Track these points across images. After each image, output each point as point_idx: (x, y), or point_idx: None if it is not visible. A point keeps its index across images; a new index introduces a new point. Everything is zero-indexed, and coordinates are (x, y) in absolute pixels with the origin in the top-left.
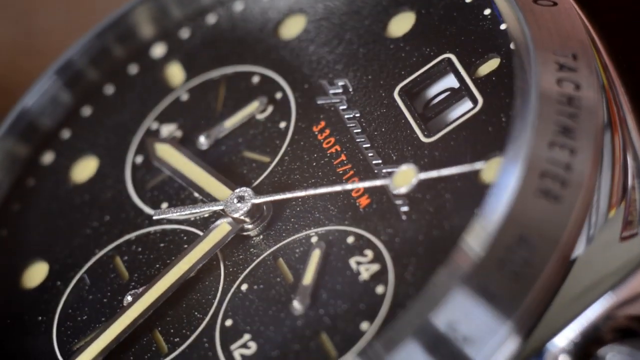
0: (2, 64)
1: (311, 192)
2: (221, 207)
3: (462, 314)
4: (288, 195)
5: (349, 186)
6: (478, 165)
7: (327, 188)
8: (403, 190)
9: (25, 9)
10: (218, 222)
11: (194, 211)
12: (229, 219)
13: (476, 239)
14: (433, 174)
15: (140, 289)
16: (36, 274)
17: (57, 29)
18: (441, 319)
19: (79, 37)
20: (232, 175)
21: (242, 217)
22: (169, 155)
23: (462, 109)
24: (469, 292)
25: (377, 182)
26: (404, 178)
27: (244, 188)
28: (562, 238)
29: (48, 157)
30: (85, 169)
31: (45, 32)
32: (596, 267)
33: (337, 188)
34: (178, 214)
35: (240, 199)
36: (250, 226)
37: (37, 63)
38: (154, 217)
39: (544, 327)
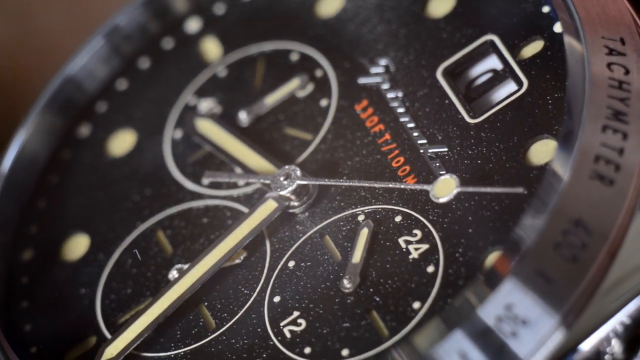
0: (2, 64)
1: (364, 183)
2: (268, 182)
3: (518, 297)
4: (337, 182)
5: (397, 185)
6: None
7: (375, 182)
8: (443, 200)
9: (25, 9)
10: (266, 197)
11: (242, 179)
12: (275, 196)
13: (531, 222)
14: (474, 189)
15: (186, 265)
16: (77, 246)
17: (57, 29)
18: (498, 302)
19: (79, 36)
20: (274, 152)
21: (288, 195)
22: (211, 131)
23: (506, 91)
24: (526, 276)
25: (418, 187)
26: (445, 188)
27: (292, 166)
28: (617, 221)
29: (84, 130)
30: (122, 142)
31: (45, 32)
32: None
33: (385, 184)
34: (228, 179)
35: (287, 176)
36: (296, 203)
37: (37, 63)
38: (204, 179)
39: (594, 310)
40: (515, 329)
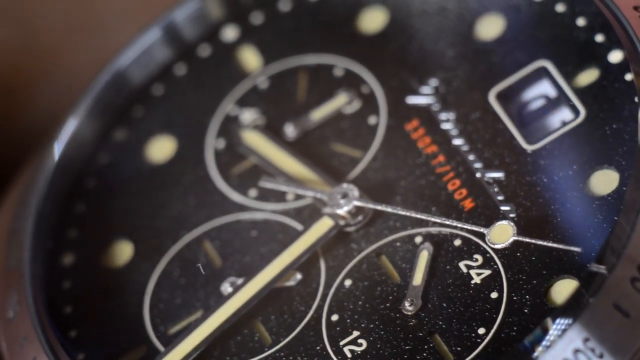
0: (2, 64)
1: (422, 216)
2: (325, 198)
3: (596, 331)
4: (395, 210)
5: (454, 223)
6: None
7: (434, 217)
8: (498, 246)
9: (25, 9)
10: (321, 215)
11: (299, 191)
12: (330, 214)
13: (605, 256)
14: (530, 240)
15: (238, 278)
16: (120, 252)
17: (57, 29)
18: (575, 335)
19: (79, 37)
20: (322, 168)
21: (343, 214)
22: (257, 143)
23: (562, 118)
24: (603, 311)
25: (475, 228)
26: (502, 234)
27: (350, 186)
28: None
29: (120, 134)
30: (162, 149)
31: (45, 32)
32: None
33: (443, 220)
34: (285, 188)
35: (344, 195)
36: (351, 222)
37: (37, 63)
38: (260, 184)
39: None
40: None
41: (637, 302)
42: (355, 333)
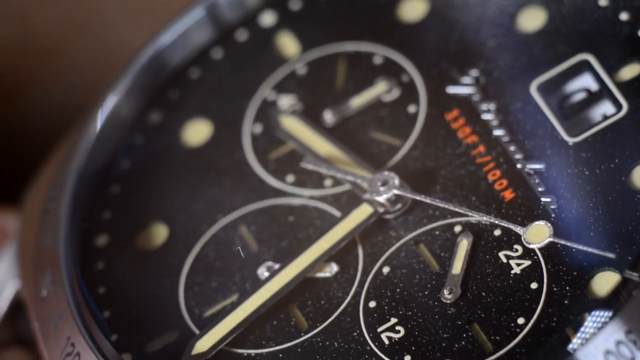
0: (1, 64)
1: (461, 209)
2: (365, 184)
3: (638, 324)
4: (435, 201)
5: (491, 219)
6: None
7: (474, 212)
8: (534, 246)
9: (25, 8)
10: (361, 202)
11: (340, 175)
12: (369, 200)
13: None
14: (566, 243)
15: (275, 263)
16: (155, 235)
17: (57, 28)
18: (619, 326)
19: (79, 37)
20: (361, 155)
21: (383, 201)
22: (296, 128)
23: (603, 111)
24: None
25: (512, 227)
26: (538, 234)
27: (391, 174)
28: None
29: (156, 116)
30: (198, 132)
31: (45, 32)
32: None
33: (481, 215)
34: (326, 171)
35: (385, 182)
36: (390, 209)
37: (37, 63)
38: (302, 165)
39: None
40: (635, 354)
41: None
42: (393, 320)
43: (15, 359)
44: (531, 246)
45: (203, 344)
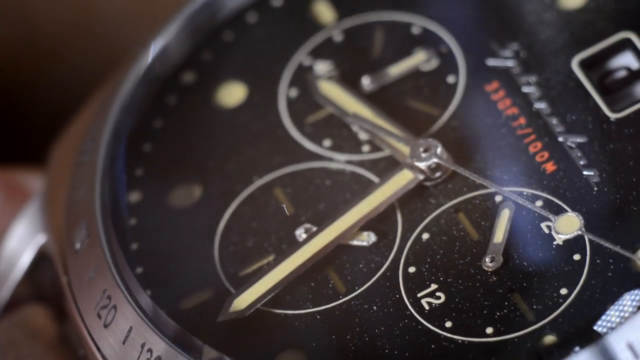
0: (2, 64)
1: (498, 188)
2: (407, 149)
3: None
4: (474, 176)
5: (525, 203)
6: None
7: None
8: (562, 237)
9: (25, 9)
10: (400, 167)
11: (384, 135)
12: (410, 166)
13: None
14: (594, 238)
15: (313, 226)
16: (188, 194)
17: (58, 29)
18: None
19: (81, 37)
20: (400, 123)
21: (423, 168)
22: (334, 94)
23: None
24: None
25: (543, 213)
26: (568, 225)
27: (434, 141)
28: None
29: (189, 77)
30: (232, 94)
31: (45, 33)
32: None
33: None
34: (371, 129)
35: (427, 149)
36: (430, 176)
37: (38, 63)
38: (349, 119)
39: None
40: None
41: None
42: (434, 286)
43: (35, 315)
44: (560, 236)
45: (240, 302)
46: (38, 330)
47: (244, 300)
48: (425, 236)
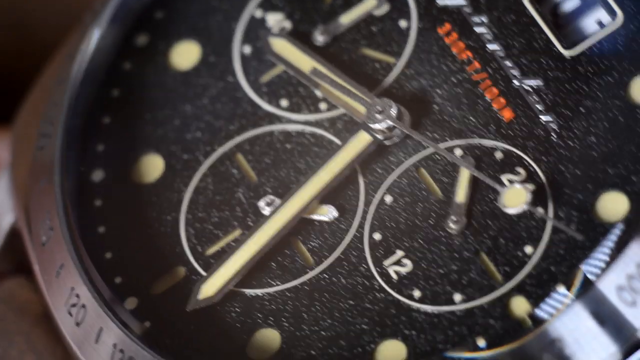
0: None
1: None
2: (362, 112)
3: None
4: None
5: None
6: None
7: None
8: (510, 211)
9: (23, 10)
10: (358, 129)
11: (343, 94)
12: (367, 128)
13: None
14: (542, 214)
15: (274, 195)
16: (151, 167)
17: (55, 29)
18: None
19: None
20: (356, 75)
21: (381, 129)
22: (288, 51)
23: (597, 20)
24: None
25: (491, 184)
26: (515, 198)
27: (389, 101)
28: None
29: (142, 39)
30: (186, 55)
31: (42, 33)
32: None
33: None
34: (331, 84)
35: (382, 111)
36: (389, 135)
37: (35, 64)
38: (311, 73)
39: None
40: (636, 298)
41: None
42: (399, 253)
43: (19, 289)
44: (505, 209)
45: (209, 287)
46: (24, 305)
47: (212, 285)
48: (389, 199)
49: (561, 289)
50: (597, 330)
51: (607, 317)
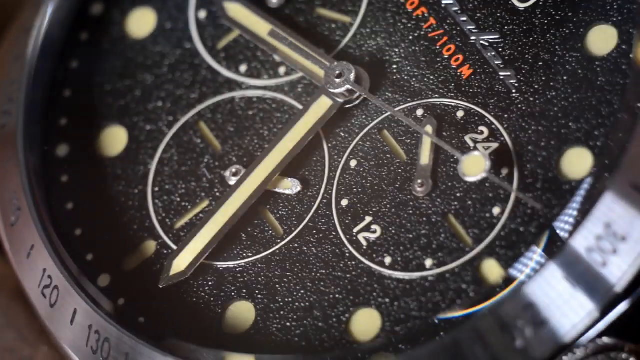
0: None
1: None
2: (321, 76)
3: (618, 213)
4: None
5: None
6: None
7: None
8: (470, 179)
9: None
10: (318, 94)
11: (301, 57)
12: (327, 92)
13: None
14: (501, 183)
15: (240, 165)
16: (114, 140)
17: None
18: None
19: None
20: (312, 37)
21: (341, 92)
22: (243, 15)
23: None
24: (622, 191)
25: (450, 151)
26: (474, 166)
27: (348, 65)
28: None
29: (97, 8)
30: (142, 22)
31: None
32: None
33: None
34: (288, 47)
35: (340, 75)
36: (350, 98)
37: None
38: (267, 36)
39: None
40: (615, 246)
41: None
42: (368, 219)
43: None
44: (466, 178)
45: (180, 262)
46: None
47: (183, 259)
48: (354, 163)
49: (531, 250)
50: (572, 291)
51: (580, 276)
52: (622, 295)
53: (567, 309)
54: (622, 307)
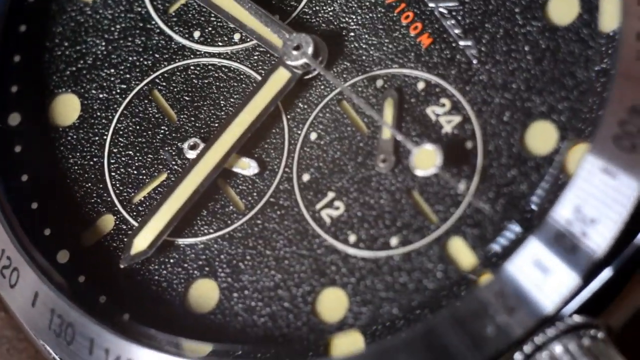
0: None
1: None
2: (279, 46)
3: (586, 194)
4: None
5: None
6: None
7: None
8: (420, 173)
9: None
10: (276, 66)
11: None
12: (284, 64)
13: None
14: (452, 180)
15: (200, 141)
16: (67, 109)
17: None
18: (567, 205)
19: None
20: (266, 1)
21: (298, 65)
22: None
23: None
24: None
25: (403, 142)
26: (426, 160)
27: (306, 36)
28: None
29: None
30: None
31: None
32: None
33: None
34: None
35: (298, 47)
36: (308, 70)
37: None
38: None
39: None
40: (585, 229)
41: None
42: (330, 195)
43: None
44: (418, 172)
45: (141, 241)
46: None
47: (144, 238)
48: (314, 136)
49: (500, 227)
50: (551, 263)
51: (559, 248)
52: (602, 263)
53: (544, 284)
54: (604, 275)
